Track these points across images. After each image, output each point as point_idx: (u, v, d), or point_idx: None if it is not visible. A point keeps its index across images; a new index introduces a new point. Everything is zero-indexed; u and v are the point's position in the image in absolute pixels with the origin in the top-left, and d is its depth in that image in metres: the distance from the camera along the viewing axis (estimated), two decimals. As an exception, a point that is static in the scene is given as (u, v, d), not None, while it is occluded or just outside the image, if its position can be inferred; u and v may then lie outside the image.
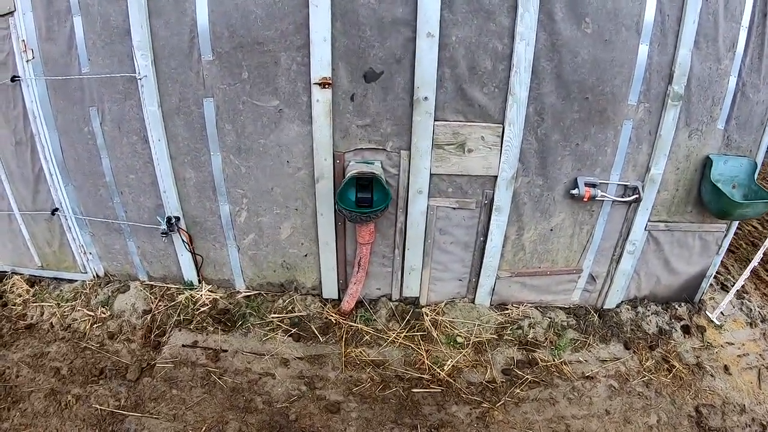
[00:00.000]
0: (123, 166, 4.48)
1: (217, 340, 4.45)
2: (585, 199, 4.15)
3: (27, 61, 4.51)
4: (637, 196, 4.22)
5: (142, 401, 4.06)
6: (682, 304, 4.97)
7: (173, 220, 4.45)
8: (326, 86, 3.82)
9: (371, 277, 4.50)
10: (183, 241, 4.57)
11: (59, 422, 3.98)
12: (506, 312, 4.68)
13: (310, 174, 4.16)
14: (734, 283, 4.91)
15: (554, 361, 4.40)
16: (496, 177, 4.10)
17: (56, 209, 4.96)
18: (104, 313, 4.84)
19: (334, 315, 4.53)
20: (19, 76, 4.58)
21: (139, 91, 4.13)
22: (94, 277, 5.30)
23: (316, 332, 4.44)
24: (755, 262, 4.63)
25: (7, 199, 5.33)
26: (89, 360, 4.51)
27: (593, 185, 4.17)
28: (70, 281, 5.56)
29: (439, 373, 4.15)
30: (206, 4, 3.77)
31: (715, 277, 5.19)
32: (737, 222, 4.66)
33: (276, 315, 4.58)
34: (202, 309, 4.67)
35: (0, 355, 4.97)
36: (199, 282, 4.86)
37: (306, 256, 4.51)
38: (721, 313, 4.90)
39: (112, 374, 4.34)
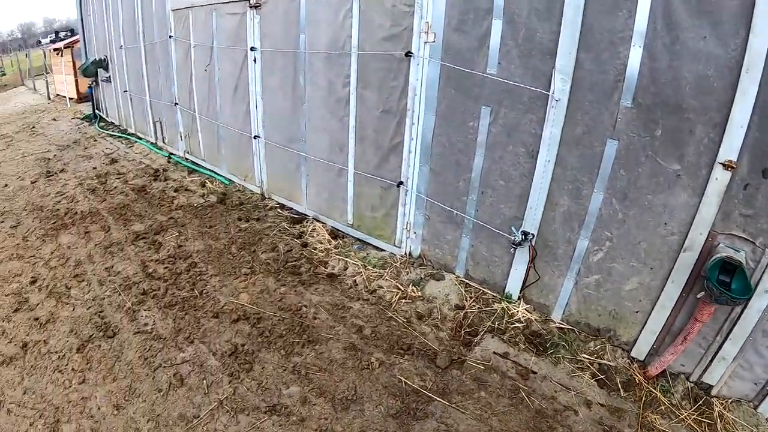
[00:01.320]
0: (496, 170, 4.82)
1: (527, 359, 4.70)
2: None
3: (425, 42, 4.80)
4: None
5: (449, 391, 4.34)
6: None
7: (529, 236, 4.70)
8: (729, 168, 3.92)
9: (683, 352, 4.49)
10: (529, 257, 4.80)
11: (358, 379, 4.25)
12: (782, 430, 4.55)
13: (679, 241, 4.28)
14: None
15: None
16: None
17: (401, 182, 5.22)
18: (415, 293, 5.14)
19: (638, 375, 4.62)
20: (412, 53, 4.85)
21: (547, 110, 4.45)
22: (405, 254, 5.65)
23: (619, 385, 4.58)
24: None
25: (347, 155, 5.72)
26: (395, 331, 4.92)
27: None
28: (377, 249, 5.93)
29: (717, 465, 4.13)
30: (640, 54, 3.98)
31: None
32: None
33: (587, 356, 4.75)
34: (517, 324, 4.95)
35: (297, 292, 5.38)
36: (518, 298, 5.01)
37: (637, 312, 4.65)
38: None
39: (419, 354, 4.64)
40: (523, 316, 4.98)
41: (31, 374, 4.60)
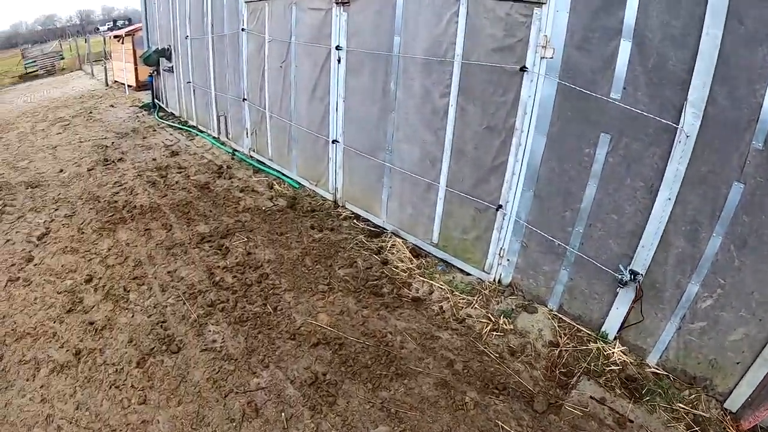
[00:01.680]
0: (609, 203, 4.69)
1: (623, 406, 4.49)
2: None
3: (542, 57, 4.59)
4: None
5: (547, 439, 4.26)
6: None
7: (638, 276, 4.58)
8: None
9: (771, 407, 4.48)
10: (634, 297, 4.67)
11: (452, 421, 4.02)
12: None
13: (791, 294, 4.19)
14: None
15: None
16: None
17: (500, 206, 4.97)
18: (506, 325, 4.95)
19: (731, 427, 4.42)
20: (527, 67, 4.61)
21: (673, 144, 4.23)
22: (494, 281, 5.44)
23: (713, 438, 4.48)
24: None
25: (439, 170, 5.53)
26: (488, 367, 4.67)
27: None
28: (463, 272, 5.72)
29: None
30: (776, 94, 3.86)
31: None
32: None
33: (682, 405, 4.52)
34: (612, 367, 4.76)
35: (381, 316, 5.15)
36: (614, 339, 4.95)
37: (737, 363, 4.47)
38: None
39: (514, 394, 4.37)
40: (619, 359, 4.81)
41: (84, 387, 4.44)
